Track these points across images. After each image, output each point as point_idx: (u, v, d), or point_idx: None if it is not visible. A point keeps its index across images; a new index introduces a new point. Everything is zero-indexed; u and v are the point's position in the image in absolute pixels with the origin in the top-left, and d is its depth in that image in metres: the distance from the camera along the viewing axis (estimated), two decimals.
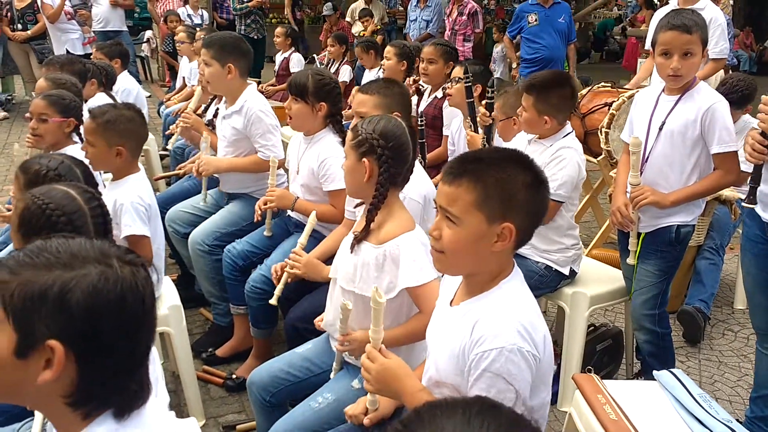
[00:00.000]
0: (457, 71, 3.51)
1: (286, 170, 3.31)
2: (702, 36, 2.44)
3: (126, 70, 5.24)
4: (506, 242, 1.43)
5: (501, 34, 8.85)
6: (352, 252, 2.03)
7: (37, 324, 0.98)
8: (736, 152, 2.51)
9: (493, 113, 3.10)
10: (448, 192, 1.45)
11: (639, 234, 2.66)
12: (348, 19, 10.09)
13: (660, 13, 3.99)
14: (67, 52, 7.82)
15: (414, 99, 4.17)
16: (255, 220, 3.02)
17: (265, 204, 2.95)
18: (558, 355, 2.96)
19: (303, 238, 2.58)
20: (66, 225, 1.71)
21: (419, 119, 2.91)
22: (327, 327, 2.19)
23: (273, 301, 2.58)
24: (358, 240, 2.03)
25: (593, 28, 17.11)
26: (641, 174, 2.61)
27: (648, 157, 2.60)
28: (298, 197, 2.93)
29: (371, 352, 1.61)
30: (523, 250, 2.74)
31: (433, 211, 2.36)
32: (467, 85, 3.25)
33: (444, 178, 1.48)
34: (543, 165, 2.65)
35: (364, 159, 1.98)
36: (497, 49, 9.31)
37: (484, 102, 3.13)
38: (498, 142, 3.21)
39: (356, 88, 3.61)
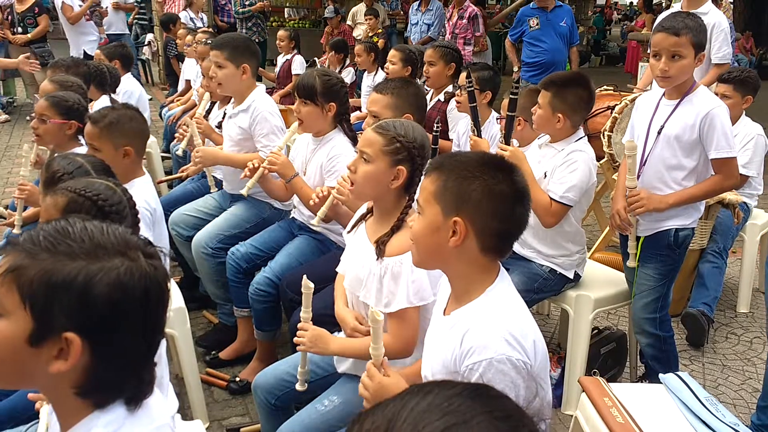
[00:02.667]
0: (464, 78, 3.51)
1: None
2: (693, 39, 2.42)
3: (129, 73, 5.22)
4: (458, 238, 1.43)
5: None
6: (378, 259, 1.94)
7: (56, 314, 0.95)
8: (734, 157, 2.50)
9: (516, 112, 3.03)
10: (421, 183, 1.53)
11: (638, 237, 2.66)
12: (349, 22, 10.08)
13: (662, 17, 4.00)
14: (85, 53, 7.85)
15: None
16: (242, 176, 2.92)
17: (266, 163, 2.81)
18: (562, 358, 2.96)
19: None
20: (116, 215, 1.70)
21: (435, 125, 2.90)
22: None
23: (315, 222, 2.64)
24: (383, 243, 1.94)
25: (593, 33, 17.15)
26: (639, 177, 2.61)
27: (646, 161, 2.60)
28: (297, 173, 2.87)
29: (370, 370, 1.59)
30: (528, 254, 2.75)
31: None
32: (469, 90, 3.25)
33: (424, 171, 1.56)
34: (553, 168, 2.66)
35: (400, 166, 1.93)
36: None
37: (509, 95, 3.07)
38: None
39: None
